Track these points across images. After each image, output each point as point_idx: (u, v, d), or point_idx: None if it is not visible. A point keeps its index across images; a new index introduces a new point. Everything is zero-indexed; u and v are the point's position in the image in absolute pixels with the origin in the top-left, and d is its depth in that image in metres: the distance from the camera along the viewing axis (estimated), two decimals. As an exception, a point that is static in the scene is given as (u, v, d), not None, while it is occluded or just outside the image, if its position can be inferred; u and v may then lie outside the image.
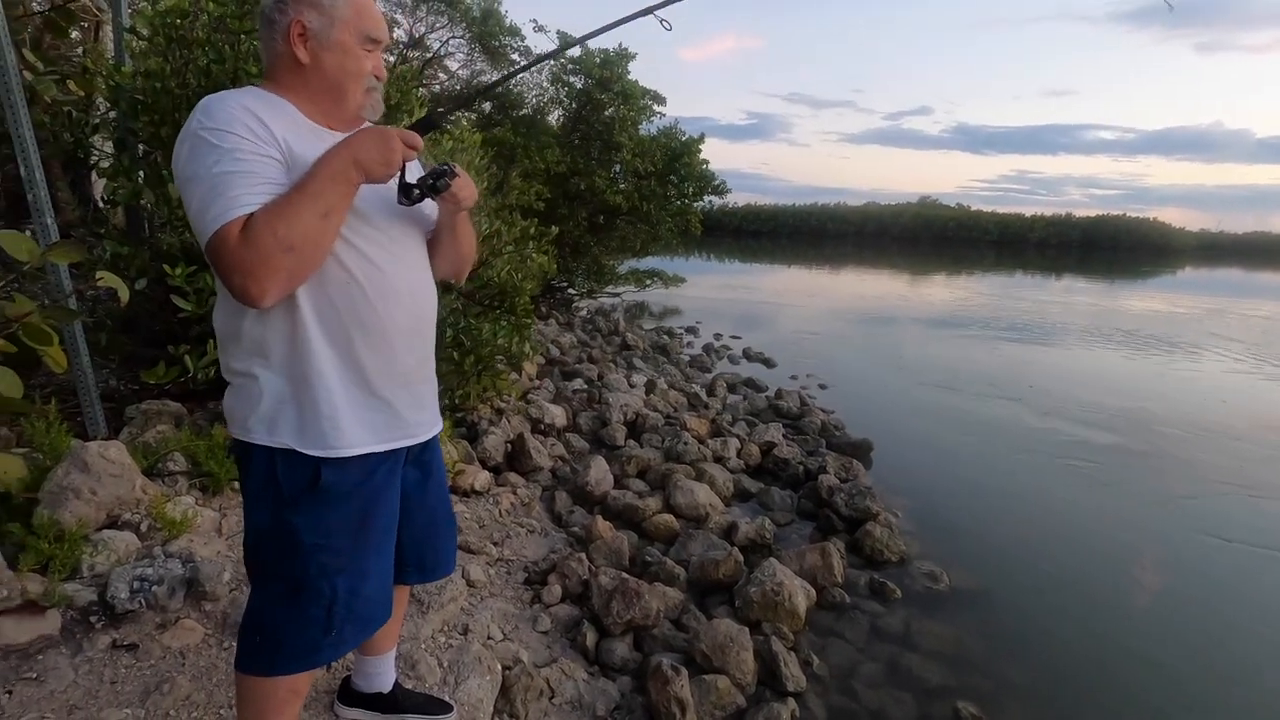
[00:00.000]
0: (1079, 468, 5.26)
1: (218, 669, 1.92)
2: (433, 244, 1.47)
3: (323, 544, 1.25)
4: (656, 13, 1.43)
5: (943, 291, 19.96)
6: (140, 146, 3.11)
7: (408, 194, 1.28)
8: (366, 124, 1.34)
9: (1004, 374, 8.37)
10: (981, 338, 11.31)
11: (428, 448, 1.47)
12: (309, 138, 1.20)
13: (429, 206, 1.41)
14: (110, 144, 3.23)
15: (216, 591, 2.15)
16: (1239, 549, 3.95)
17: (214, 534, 2.49)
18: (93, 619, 1.97)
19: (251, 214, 1.06)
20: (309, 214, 1.08)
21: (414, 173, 1.33)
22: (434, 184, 1.28)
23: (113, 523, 2.33)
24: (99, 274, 1.83)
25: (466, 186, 1.35)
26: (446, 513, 1.60)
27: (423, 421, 1.41)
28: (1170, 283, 28.14)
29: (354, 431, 1.25)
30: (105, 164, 3.18)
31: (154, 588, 2.03)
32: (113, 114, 3.12)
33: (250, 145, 1.11)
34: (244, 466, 1.28)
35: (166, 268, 2.71)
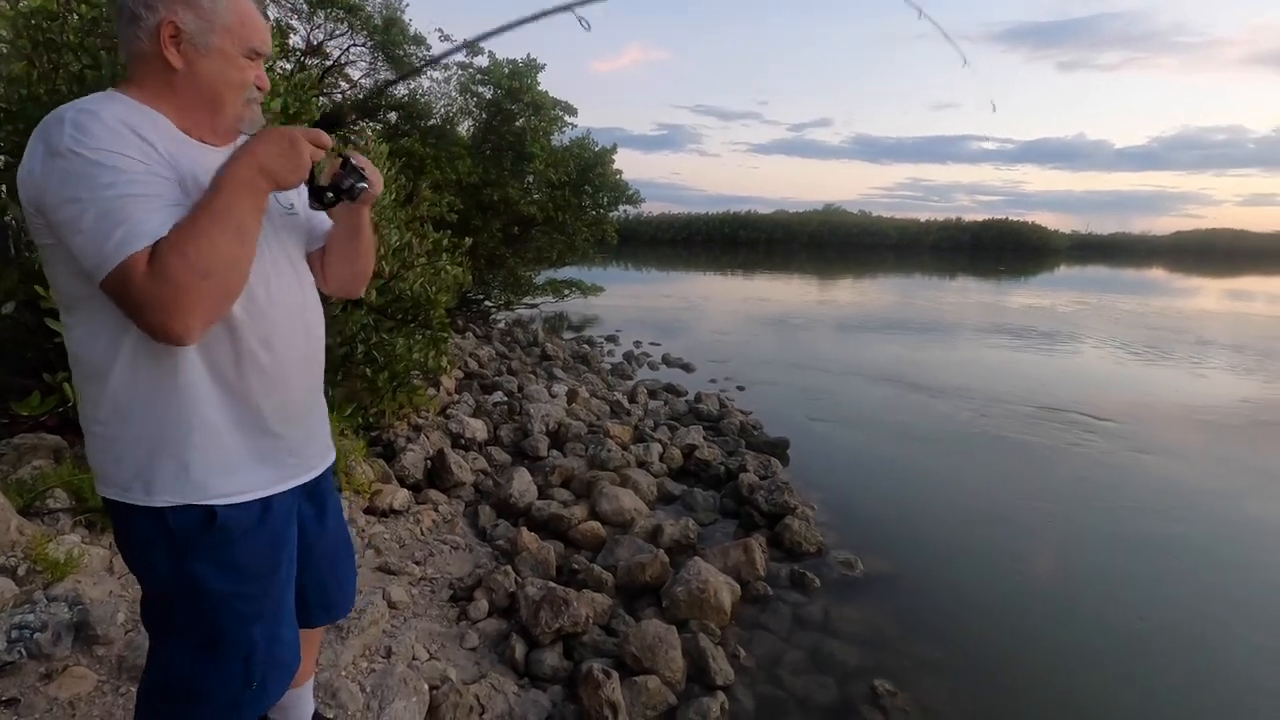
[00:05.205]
0: (980, 455, 5.64)
1: (114, 716, 1.78)
2: (327, 254, 1.37)
3: (233, 591, 1.15)
4: (576, 9, 1.28)
5: (850, 294, 20.92)
6: (3, 159, 2.86)
7: (320, 198, 1.19)
8: (243, 137, 1.20)
9: (909, 370, 8.86)
10: (887, 337, 11.93)
11: (322, 479, 1.36)
12: (192, 153, 1.07)
13: (320, 219, 1.34)
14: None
15: (110, 634, 2.00)
16: (1131, 525, 4.31)
17: (105, 573, 2.31)
18: (-37, 676, 1.79)
19: (156, 242, 0.94)
20: (221, 233, 0.96)
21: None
22: (351, 187, 1.19)
23: (-16, 569, 2.12)
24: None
25: (371, 170, 1.25)
26: (346, 544, 1.51)
27: (316, 453, 1.32)
28: (1050, 280, 30.66)
29: (246, 476, 1.15)
30: (-39, 178, 2.90)
31: (36, 635, 1.87)
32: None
33: (141, 166, 0.97)
34: (123, 521, 1.12)
35: (39, 289, 2.49)
